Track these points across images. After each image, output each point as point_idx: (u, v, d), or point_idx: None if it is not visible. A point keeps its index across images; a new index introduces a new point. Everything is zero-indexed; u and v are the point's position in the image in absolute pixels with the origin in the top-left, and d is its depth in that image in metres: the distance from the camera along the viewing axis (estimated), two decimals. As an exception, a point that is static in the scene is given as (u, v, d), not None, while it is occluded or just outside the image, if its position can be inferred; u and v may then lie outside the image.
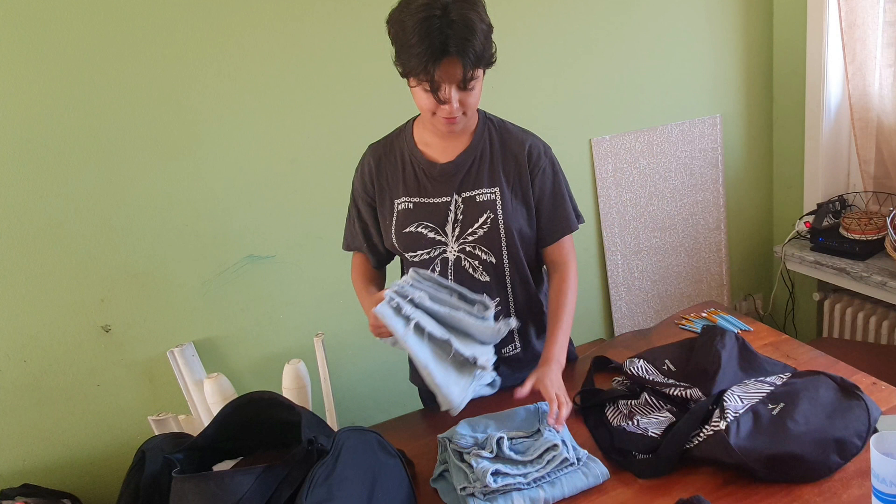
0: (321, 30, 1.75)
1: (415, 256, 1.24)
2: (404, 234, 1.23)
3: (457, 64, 1.03)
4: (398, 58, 1.07)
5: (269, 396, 0.98)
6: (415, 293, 1.05)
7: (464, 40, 1.01)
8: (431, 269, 1.24)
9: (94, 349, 1.71)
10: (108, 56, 1.57)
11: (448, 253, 1.23)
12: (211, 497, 0.83)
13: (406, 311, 1.03)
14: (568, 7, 2.04)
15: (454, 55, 1.02)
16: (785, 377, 1.14)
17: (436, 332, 1.06)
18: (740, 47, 2.36)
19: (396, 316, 1.02)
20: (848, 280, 2.07)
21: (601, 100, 2.18)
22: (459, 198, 1.21)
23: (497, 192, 1.22)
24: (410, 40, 1.01)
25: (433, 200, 1.22)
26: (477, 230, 1.22)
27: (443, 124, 1.13)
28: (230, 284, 1.82)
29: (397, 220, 1.23)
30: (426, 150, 1.23)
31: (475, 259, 1.24)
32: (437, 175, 1.22)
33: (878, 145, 2.14)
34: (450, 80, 1.05)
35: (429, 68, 1.02)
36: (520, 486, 1.01)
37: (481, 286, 1.25)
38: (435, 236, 1.22)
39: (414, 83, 1.08)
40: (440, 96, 1.06)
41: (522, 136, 1.26)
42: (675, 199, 2.40)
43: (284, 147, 1.80)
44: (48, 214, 1.59)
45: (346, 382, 2.02)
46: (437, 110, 1.10)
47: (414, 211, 1.22)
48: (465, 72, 1.04)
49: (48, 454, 1.72)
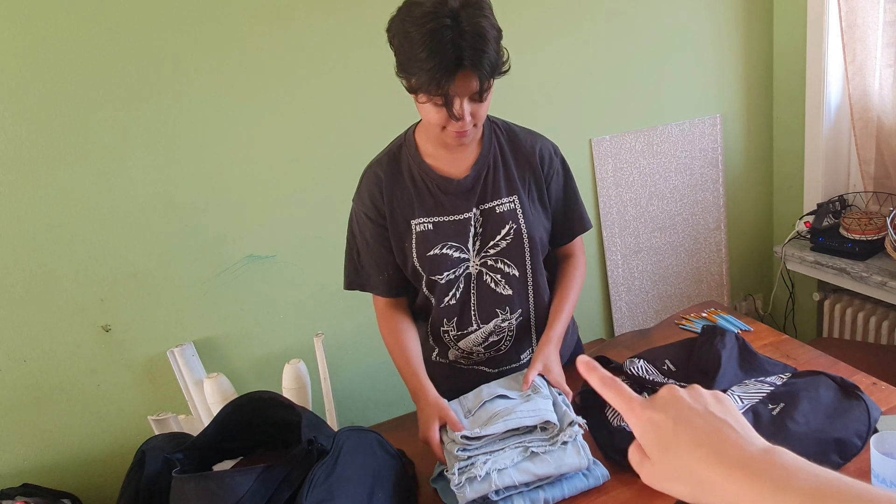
0: (322, 29, 1.75)
1: (441, 278, 1.18)
2: (429, 258, 1.16)
3: (471, 77, 0.97)
4: (404, 71, 0.99)
5: (269, 396, 0.98)
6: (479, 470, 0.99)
7: (478, 52, 0.94)
8: (455, 288, 1.19)
9: (94, 349, 1.71)
10: (109, 56, 1.57)
11: (471, 268, 1.19)
12: (211, 497, 0.83)
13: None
14: (568, 7, 2.04)
15: (469, 69, 0.95)
16: (785, 377, 1.14)
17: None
18: (740, 47, 2.36)
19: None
20: (848, 280, 2.07)
21: (601, 100, 2.18)
22: (478, 211, 1.16)
23: (516, 201, 1.17)
24: (419, 54, 0.93)
25: (453, 218, 1.16)
26: (499, 242, 1.17)
27: (453, 138, 1.06)
28: (230, 284, 1.82)
29: (417, 242, 1.16)
30: (436, 164, 1.16)
31: (497, 273, 1.19)
32: (453, 191, 1.15)
33: (878, 145, 2.14)
34: (463, 94, 0.98)
35: (442, 84, 0.95)
36: (520, 488, 1.01)
37: (504, 300, 1.21)
38: (460, 255, 1.17)
39: (423, 99, 1.00)
40: (454, 112, 0.99)
41: (531, 138, 1.22)
42: (675, 199, 2.40)
43: (285, 147, 1.80)
44: (48, 214, 1.59)
45: (346, 382, 2.02)
46: (447, 125, 1.03)
47: (435, 231, 1.15)
48: (482, 85, 0.98)
49: (48, 454, 1.72)
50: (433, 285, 1.20)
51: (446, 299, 1.20)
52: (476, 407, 1.12)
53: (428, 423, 1.07)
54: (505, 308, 1.22)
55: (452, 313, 1.22)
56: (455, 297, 1.20)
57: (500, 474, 0.98)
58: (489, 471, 0.98)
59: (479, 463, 0.99)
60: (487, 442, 1.03)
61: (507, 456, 1.00)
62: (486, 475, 0.98)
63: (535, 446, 1.01)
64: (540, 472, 0.99)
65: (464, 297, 1.20)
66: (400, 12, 0.98)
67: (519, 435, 1.04)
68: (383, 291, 1.23)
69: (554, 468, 0.99)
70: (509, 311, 1.23)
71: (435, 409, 1.08)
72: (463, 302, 1.21)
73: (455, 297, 1.20)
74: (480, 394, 1.15)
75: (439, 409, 1.08)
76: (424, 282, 1.20)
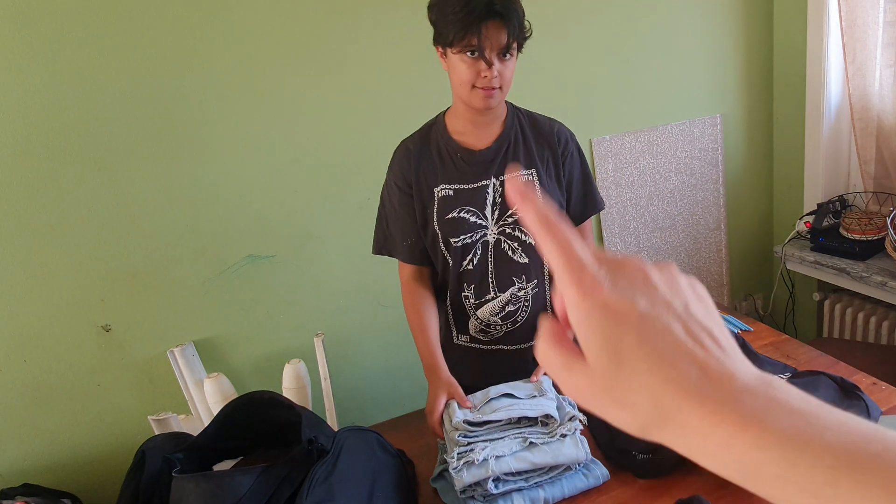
0: (322, 29, 1.75)
1: (457, 241, 1.25)
2: (447, 221, 1.25)
3: (500, 28, 1.05)
4: (439, 28, 1.08)
5: (270, 396, 0.98)
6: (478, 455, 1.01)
7: (507, 3, 1.03)
8: (473, 253, 1.26)
9: (94, 349, 1.71)
10: (109, 55, 1.57)
11: (489, 236, 1.26)
12: (211, 497, 0.83)
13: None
14: (568, 7, 2.04)
15: (498, 18, 1.04)
16: (785, 377, 1.14)
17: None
18: (740, 47, 2.36)
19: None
20: (848, 280, 2.07)
21: (601, 100, 2.18)
22: (497, 181, 1.24)
23: (534, 174, 1.26)
24: (453, 8, 1.03)
25: (472, 185, 1.24)
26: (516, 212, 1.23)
27: (481, 98, 1.12)
28: (230, 284, 1.82)
29: (438, 207, 1.25)
30: (461, 139, 1.25)
31: (514, 241, 1.26)
32: (474, 161, 1.24)
33: (879, 145, 2.14)
34: (493, 45, 1.06)
35: (473, 30, 1.03)
36: (520, 486, 1.01)
37: (521, 268, 1.28)
38: (477, 220, 1.25)
39: (455, 51, 1.08)
40: (486, 56, 1.06)
41: (550, 122, 1.31)
42: (675, 199, 2.40)
43: (285, 147, 1.80)
44: (48, 214, 1.59)
45: (346, 382, 2.02)
46: (476, 80, 1.10)
47: (454, 197, 1.24)
48: (510, 37, 1.06)
49: (48, 454, 1.72)
50: (449, 247, 1.27)
51: (464, 263, 1.27)
52: (482, 403, 1.13)
53: (436, 395, 1.14)
54: (521, 276, 1.28)
55: (471, 279, 1.28)
56: (472, 262, 1.27)
57: (497, 461, 1.00)
58: (487, 457, 1.00)
59: (477, 448, 1.01)
60: (489, 430, 1.04)
61: (507, 444, 1.02)
62: (483, 461, 0.99)
63: (535, 438, 1.03)
64: (537, 460, 1.00)
65: (482, 264, 1.27)
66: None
67: (520, 427, 1.05)
68: (406, 257, 1.31)
69: (551, 458, 1.00)
70: (525, 280, 1.29)
71: (445, 384, 1.15)
72: (482, 268, 1.27)
73: (472, 263, 1.27)
74: (488, 393, 1.16)
75: (449, 386, 1.15)
76: (442, 242, 1.27)
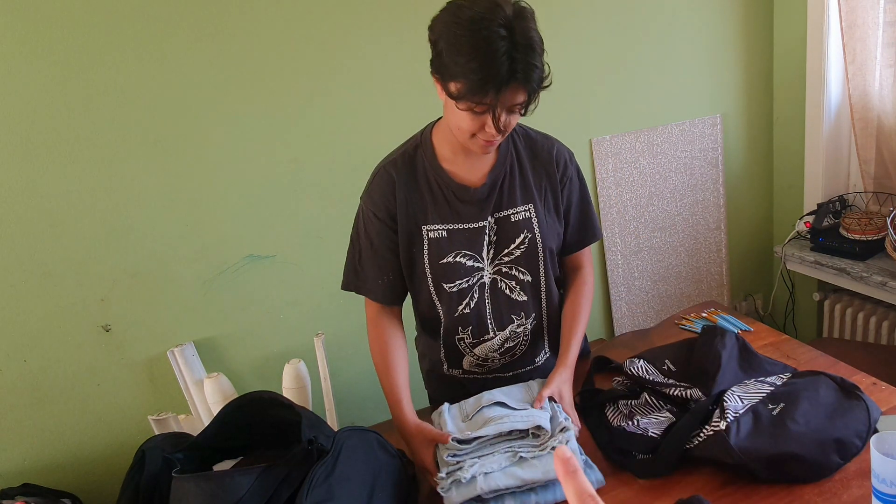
0: (323, 29, 1.75)
1: (452, 287, 1.16)
2: (441, 266, 1.14)
3: (519, 91, 0.95)
4: (447, 74, 0.95)
5: (270, 396, 0.98)
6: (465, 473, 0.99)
7: (530, 66, 0.92)
8: (469, 297, 1.17)
9: (94, 349, 1.71)
10: (109, 55, 1.57)
11: (485, 277, 1.17)
12: (211, 497, 0.83)
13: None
14: (568, 7, 2.04)
15: (520, 82, 0.93)
16: (785, 377, 1.14)
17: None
18: (740, 47, 2.36)
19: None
20: (848, 280, 2.07)
21: (601, 100, 2.18)
22: (493, 219, 1.15)
23: (531, 209, 1.16)
24: (469, 63, 0.90)
25: (468, 226, 1.14)
26: (514, 251, 1.16)
27: (480, 146, 1.04)
28: (230, 284, 1.82)
29: (430, 249, 1.14)
30: (452, 170, 1.13)
31: (511, 280, 1.18)
32: (468, 199, 1.13)
33: (879, 145, 2.14)
34: (506, 105, 0.97)
35: (490, 95, 0.93)
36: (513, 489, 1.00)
37: (519, 306, 1.21)
38: (473, 263, 1.15)
39: (463, 106, 0.96)
40: (499, 124, 0.98)
41: (548, 143, 1.20)
42: (675, 199, 2.40)
43: (285, 147, 1.80)
44: (48, 214, 1.59)
45: (346, 382, 2.02)
46: (479, 133, 1.01)
47: (448, 239, 1.13)
48: (529, 99, 0.98)
49: (48, 454, 1.72)
50: (442, 292, 1.17)
51: (460, 308, 1.19)
52: (474, 412, 1.11)
53: (422, 454, 1.06)
54: (520, 314, 1.21)
55: (467, 322, 1.20)
56: (469, 305, 1.18)
57: (486, 478, 0.97)
58: (475, 474, 0.97)
59: (465, 466, 0.99)
60: (478, 446, 1.02)
61: (496, 460, 0.99)
62: (471, 478, 0.97)
63: (524, 451, 1.00)
64: (527, 476, 0.98)
65: (479, 306, 1.19)
66: (447, 13, 0.95)
67: (510, 440, 1.03)
68: (380, 297, 1.19)
69: (541, 474, 0.98)
70: (524, 317, 1.22)
71: (421, 436, 1.07)
72: (478, 310, 1.19)
73: (469, 307, 1.19)
74: (480, 399, 1.14)
75: (424, 435, 1.07)
76: (433, 287, 1.17)
